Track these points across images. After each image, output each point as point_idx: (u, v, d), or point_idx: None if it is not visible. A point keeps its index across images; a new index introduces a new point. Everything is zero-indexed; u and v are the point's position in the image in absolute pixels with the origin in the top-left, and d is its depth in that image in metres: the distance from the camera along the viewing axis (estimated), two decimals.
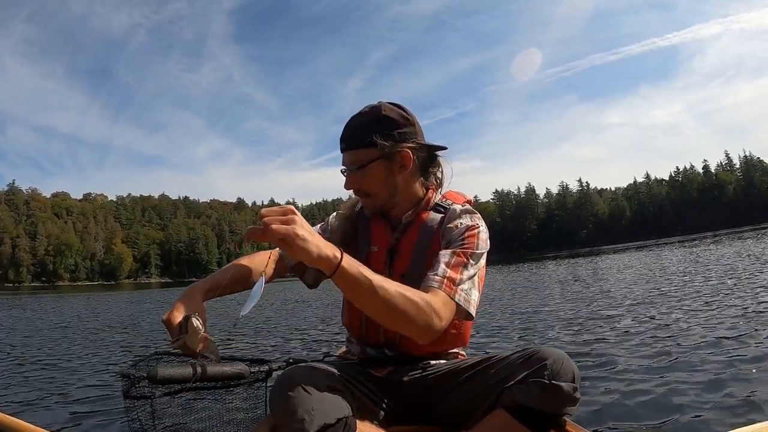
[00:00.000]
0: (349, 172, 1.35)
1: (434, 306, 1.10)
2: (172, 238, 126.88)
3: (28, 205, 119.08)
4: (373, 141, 1.29)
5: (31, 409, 3.21)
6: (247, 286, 1.35)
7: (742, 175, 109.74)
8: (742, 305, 5.38)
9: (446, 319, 1.14)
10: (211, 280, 1.30)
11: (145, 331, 8.40)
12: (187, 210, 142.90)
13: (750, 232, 40.59)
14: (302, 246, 0.94)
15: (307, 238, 0.95)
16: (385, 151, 1.30)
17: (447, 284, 1.17)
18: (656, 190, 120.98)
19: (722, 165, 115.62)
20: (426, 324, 1.09)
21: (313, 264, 0.98)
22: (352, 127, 1.33)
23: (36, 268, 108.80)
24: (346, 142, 1.34)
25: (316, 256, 0.96)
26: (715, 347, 3.64)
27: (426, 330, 1.10)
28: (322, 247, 0.97)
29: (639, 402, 2.66)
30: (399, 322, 1.08)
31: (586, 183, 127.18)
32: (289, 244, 0.93)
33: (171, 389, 1.20)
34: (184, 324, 1.12)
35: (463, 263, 1.22)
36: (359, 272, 1.02)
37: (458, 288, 1.18)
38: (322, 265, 0.98)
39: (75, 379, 4.13)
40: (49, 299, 27.11)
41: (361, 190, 1.36)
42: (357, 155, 1.31)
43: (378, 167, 1.31)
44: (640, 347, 3.94)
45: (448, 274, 1.19)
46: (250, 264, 1.37)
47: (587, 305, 7.20)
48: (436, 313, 1.10)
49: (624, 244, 66.02)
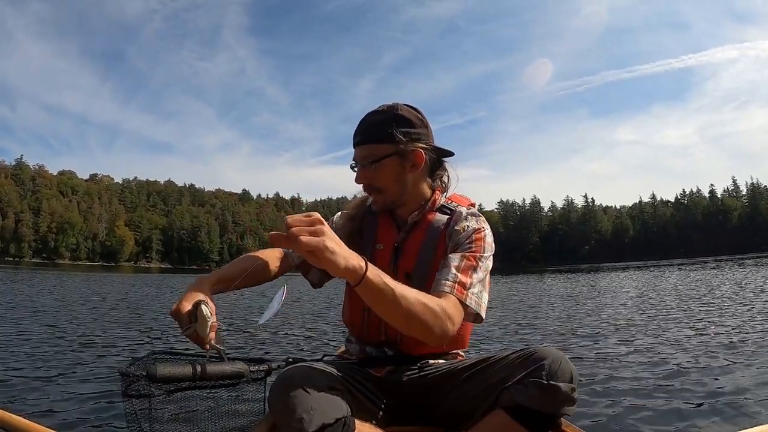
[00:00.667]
0: (362, 167, 1.36)
1: (448, 312, 1.13)
2: (174, 225, 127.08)
3: (34, 181, 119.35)
4: (388, 137, 1.31)
5: (28, 404, 3.13)
6: (255, 281, 1.37)
7: (748, 202, 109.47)
8: (736, 323, 5.48)
9: (459, 323, 1.18)
10: (220, 272, 1.31)
11: (148, 319, 8.44)
12: (192, 197, 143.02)
13: (751, 259, 40.50)
14: (330, 258, 0.94)
15: (336, 250, 0.95)
16: (400, 148, 1.32)
17: (458, 289, 1.20)
18: (661, 211, 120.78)
19: (728, 191, 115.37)
20: (442, 330, 1.12)
21: (338, 275, 0.98)
22: (368, 122, 1.36)
23: (37, 244, 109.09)
24: (361, 136, 1.35)
25: (343, 267, 0.96)
26: (711, 353, 3.70)
27: (442, 335, 1.13)
28: (349, 259, 0.97)
29: (636, 403, 2.70)
30: (418, 329, 1.10)
31: (592, 199, 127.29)
32: (318, 256, 0.93)
33: (170, 388, 1.19)
34: (194, 312, 1.13)
35: (473, 266, 1.25)
36: (383, 282, 1.03)
37: (469, 292, 1.22)
38: (348, 276, 0.99)
39: (73, 373, 4.07)
40: (51, 276, 27.10)
41: (372, 185, 1.37)
42: (371, 149, 1.33)
43: (391, 163, 1.34)
44: (638, 351, 4.01)
45: (459, 279, 1.22)
46: (261, 259, 1.38)
47: (586, 314, 7.29)
48: (450, 319, 1.13)
49: (625, 263, 65.93)
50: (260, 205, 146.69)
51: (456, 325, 1.16)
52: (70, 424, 2.76)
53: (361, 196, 1.50)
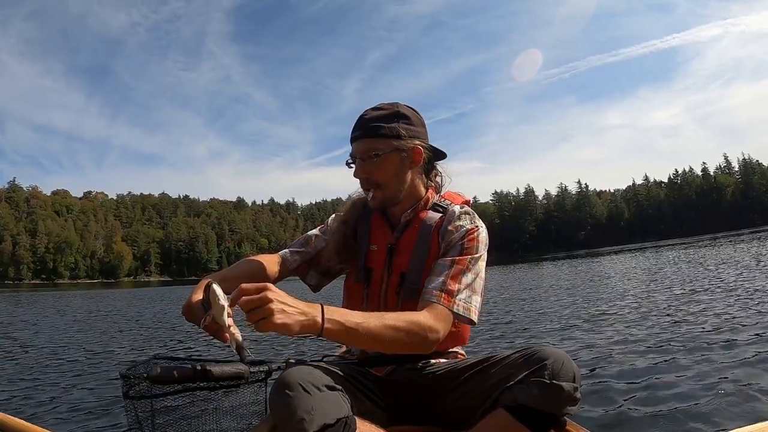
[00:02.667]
0: (361, 161, 1.37)
1: (426, 324, 1.16)
2: (172, 237, 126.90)
3: (28, 202, 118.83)
4: (390, 131, 1.33)
5: (29, 407, 3.20)
6: None
7: (741, 178, 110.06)
8: (739, 309, 5.43)
9: (443, 330, 1.20)
10: (223, 273, 1.33)
11: (149, 329, 8.50)
12: (187, 209, 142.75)
13: (748, 235, 40.60)
14: (281, 323, 0.98)
15: (285, 313, 0.99)
16: (401, 144, 1.34)
17: (445, 298, 1.23)
18: (655, 192, 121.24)
19: (721, 168, 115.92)
20: (422, 342, 1.16)
21: (295, 335, 1.02)
22: (369, 117, 1.36)
23: (36, 265, 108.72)
24: (361, 130, 1.36)
25: (298, 330, 1.00)
26: (713, 349, 3.69)
27: (422, 346, 1.17)
28: (301, 320, 1.01)
29: (639, 402, 2.69)
30: (394, 350, 1.16)
31: (585, 185, 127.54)
32: (268, 326, 0.98)
33: (170, 389, 1.20)
34: (206, 299, 1.11)
35: (462, 270, 1.27)
36: (343, 327, 1.06)
37: (456, 299, 1.24)
38: (306, 332, 1.03)
39: (75, 378, 4.14)
40: (51, 296, 27.09)
41: (371, 180, 1.37)
42: (373, 143, 1.34)
43: (392, 158, 1.35)
44: (640, 348, 3.99)
45: (446, 287, 1.24)
46: (260, 263, 1.41)
47: (586, 306, 7.28)
48: (431, 329, 1.17)
49: (621, 246, 66.12)
50: (255, 212, 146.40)
51: (440, 332, 1.19)
52: (71, 425, 2.80)
53: (354, 198, 1.51)
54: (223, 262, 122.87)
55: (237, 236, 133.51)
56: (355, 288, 1.44)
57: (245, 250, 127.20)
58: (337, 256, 1.46)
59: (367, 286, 1.41)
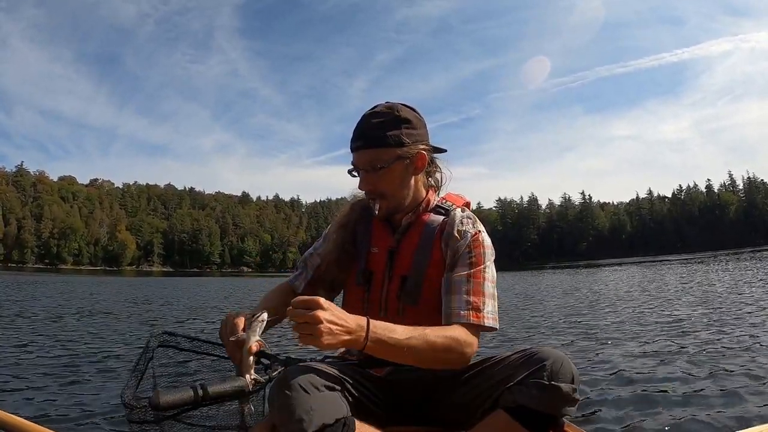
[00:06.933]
0: (365, 173, 1.33)
1: (463, 340, 1.19)
2: (175, 228, 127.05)
3: (35, 187, 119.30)
4: (394, 141, 1.29)
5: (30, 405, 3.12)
6: (282, 319, 1.36)
7: (745, 196, 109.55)
8: (737, 319, 5.60)
9: (476, 343, 1.24)
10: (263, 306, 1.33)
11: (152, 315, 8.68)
12: (192, 201, 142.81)
13: (749, 254, 40.53)
14: (326, 344, 1.02)
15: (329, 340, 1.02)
16: (405, 151, 1.30)
17: (474, 315, 1.24)
18: (658, 206, 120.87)
19: (725, 185, 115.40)
20: (459, 358, 1.19)
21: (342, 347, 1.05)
22: (369, 125, 1.31)
23: (40, 250, 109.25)
24: (363, 140, 1.31)
25: (341, 348, 1.06)
26: (712, 353, 3.79)
27: (459, 362, 1.21)
28: (345, 340, 1.05)
29: (637, 403, 2.75)
30: (432, 366, 1.20)
31: (589, 196, 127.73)
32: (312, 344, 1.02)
33: (172, 413, 1.24)
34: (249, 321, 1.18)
35: (480, 283, 1.28)
36: (385, 345, 1.10)
37: (484, 313, 1.26)
38: (350, 346, 1.07)
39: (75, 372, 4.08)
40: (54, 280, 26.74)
41: (376, 191, 1.34)
42: (377, 154, 1.30)
43: (397, 167, 1.31)
44: (638, 352, 4.07)
45: (472, 305, 1.25)
46: (283, 295, 1.45)
47: (585, 312, 7.46)
48: (467, 345, 1.20)
49: (622, 259, 65.94)
50: (260, 207, 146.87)
51: (474, 346, 1.22)
52: (72, 425, 2.76)
53: (351, 201, 1.50)
54: (225, 256, 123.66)
55: (240, 231, 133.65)
56: (355, 290, 1.42)
57: (248, 244, 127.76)
58: (337, 267, 1.44)
59: (368, 289, 1.39)
